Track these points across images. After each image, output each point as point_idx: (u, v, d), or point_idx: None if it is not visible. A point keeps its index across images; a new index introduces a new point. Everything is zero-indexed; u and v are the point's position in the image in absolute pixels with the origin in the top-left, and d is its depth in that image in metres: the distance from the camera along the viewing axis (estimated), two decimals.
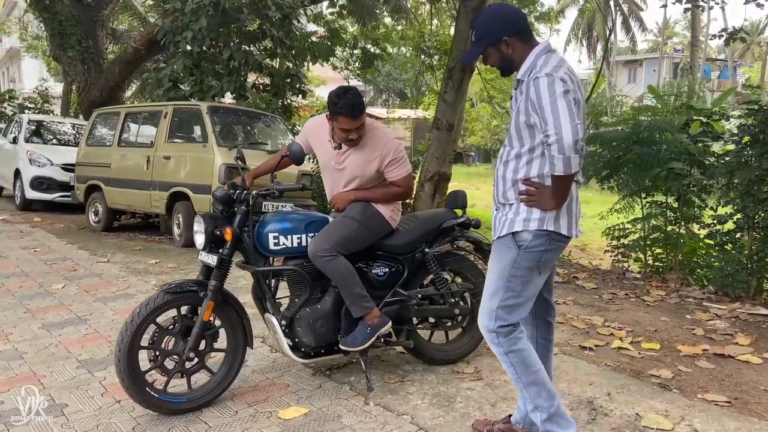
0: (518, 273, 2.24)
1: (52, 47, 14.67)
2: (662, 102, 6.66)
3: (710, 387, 3.22)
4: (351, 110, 2.78)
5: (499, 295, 2.26)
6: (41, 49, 25.42)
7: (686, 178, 5.49)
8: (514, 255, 2.24)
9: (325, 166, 3.12)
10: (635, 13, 38.58)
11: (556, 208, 2.17)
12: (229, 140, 6.97)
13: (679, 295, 5.16)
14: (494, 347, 2.32)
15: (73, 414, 2.74)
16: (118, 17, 21.61)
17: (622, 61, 43.37)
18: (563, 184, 2.11)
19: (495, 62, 2.30)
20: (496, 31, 2.22)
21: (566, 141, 2.00)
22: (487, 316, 2.30)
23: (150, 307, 2.63)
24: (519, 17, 2.26)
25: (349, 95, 2.80)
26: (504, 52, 2.24)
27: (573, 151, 2.00)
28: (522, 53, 2.23)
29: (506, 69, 2.31)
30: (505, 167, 2.29)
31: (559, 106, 2.03)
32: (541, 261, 2.24)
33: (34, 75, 32.28)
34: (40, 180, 9.50)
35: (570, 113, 2.02)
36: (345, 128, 2.84)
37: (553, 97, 2.04)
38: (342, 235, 2.89)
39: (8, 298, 4.63)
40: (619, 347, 3.81)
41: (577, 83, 2.16)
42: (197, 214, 2.88)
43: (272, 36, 10.41)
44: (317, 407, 2.84)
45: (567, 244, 2.32)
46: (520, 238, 2.22)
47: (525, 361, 2.28)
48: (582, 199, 2.51)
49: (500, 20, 2.23)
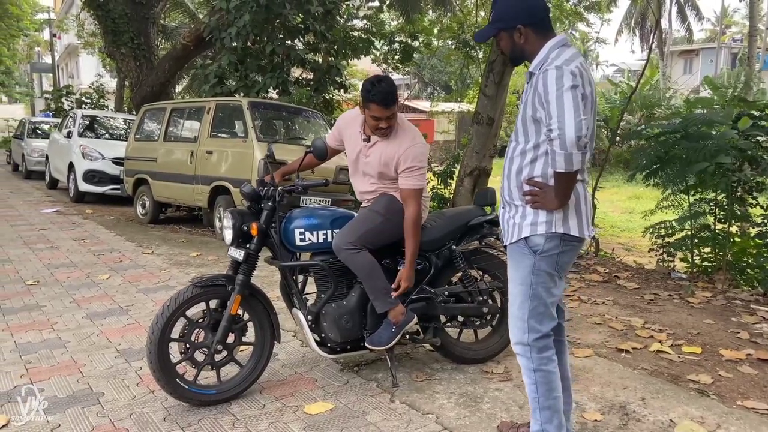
0: (540, 279, 2.18)
1: (106, 44, 15.17)
2: (719, 94, 6.39)
3: (751, 394, 3.09)
4: (383, 98, 2.81)
5: (527, 305, 2.20)
6: (97, 45, 26.31)
7: (735, 174, 5.27)
8: (531, 261, 2.17)
9: (352, 158, 3.12)
10: (691, 1, 37.16)
11: (560, 208, 2.10)
12: (269, 135, 7.07)
13: (726, 297, 4.96)
14: (524, 361, 2.25)
15: (108, 402, 2.83)
16: (170, 14, 22.16)
17: (678, 51, 41.92)
18: (565, 182, 2.03)
19: (506, 47, 2.23)
20: (513, 16, 2.15)
21: (568, 136, 1.92)
22: (519, 329, 2.23)
23: (179, 300, 2.70)
24: (539, 8, 2.17)
25: (383, 84, 2.83)
26: (516, 40, 2.17)
27: (575, 147, 1.93)
28: (535, 45, 2.15)
29: (516, 58, 2.23)
30: (510, 164, 2.22)
31: (564, 100, 1.95)
32: (558, 264, 2.18)
33: (91, 71, 33.44)
34: (92, 173, 9.85)
35: (575, 108, 1.94)
36: (376, 116, 2.86)
37: (560, 90, 1.96)
38: (366, 228, 2.90)
39: (56, 287, 4.82)
40: (657, 350, 3.70)
41: (588, 79, 2.08)
42: (226, 209, 2.94)
43: (314, 30, 10.49)
44: (343, 403, 2.86)
45: (581, 245, 2.26)
46: (533, 243, 2.16)
47: (550, 383, 2.22)
48: (632, 194, 2.44)
49: (519, 6, 2.16)
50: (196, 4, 21.48)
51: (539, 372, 2.21)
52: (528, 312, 2.20)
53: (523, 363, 2.25)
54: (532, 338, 2.20)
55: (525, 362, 2.24)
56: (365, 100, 2.86)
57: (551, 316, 2.24)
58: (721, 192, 5.48)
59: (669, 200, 5.86)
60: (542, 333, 2.21)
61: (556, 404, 2.23)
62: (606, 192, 17.37)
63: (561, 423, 2.25)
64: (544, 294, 2.19)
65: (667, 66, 35.81)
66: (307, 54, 10.97)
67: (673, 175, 5.47)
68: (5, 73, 36.79)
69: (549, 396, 2.22)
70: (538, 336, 2.20)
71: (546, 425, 2.23)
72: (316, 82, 11.04)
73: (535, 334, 2.20)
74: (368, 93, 2.82)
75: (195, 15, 20.76)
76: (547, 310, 2.21)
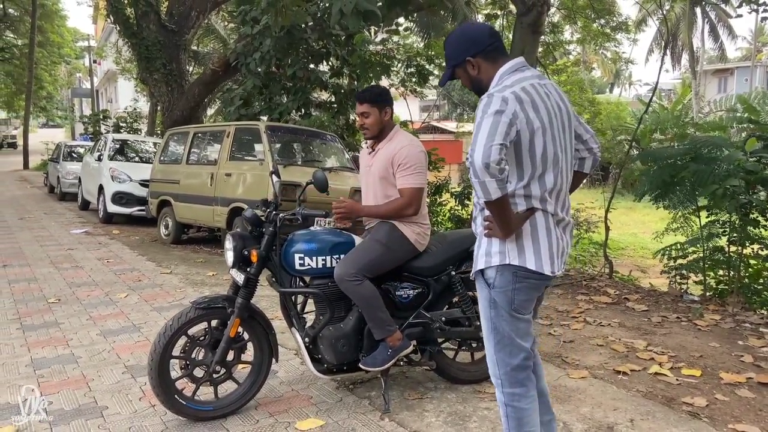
0: (500, 313, 2.09)
1: (139, 70, 15.73)
2: (755, 113, 6.30)
3: (745, 417, 3.08)
4: (360, 95, 3.17)
5: (492, 338, 2.14)
6: (133, 71, 27.25)
7: (745, 196, 5.23)
8: (487, 294, 2.11)
9: (363, 175, 3.30)
10: (723, 20, 36.70)
11: (506, 237, 2.02)
12: (286, 158, 7.26)
13: (736, 320, 4.91)
14: (497, 393, 2.19)
15: (110, 416, 2.97)
16: (203, 40, 22.85)
17: (711, 70, 41.32)
18: (495, 210, 1.94)
19: (466, 83, 2.22)
20: (460, 51, 2.16)
21: (476, 163, 1.84)
22: (491, 361, 2.17)
23: (182, 320, 2.83)
24: (483, 35, 2.15)
25: (370, 88, 3.17)
26: (470, 73, 2.16)
27: (486, 174, 1.83)
28: (488, 73, 2.13)
29: (477, 89, 2.19)
30: (475, 194, 2.14)
31: (482, 126, 1.90)
32: (515, 302, 2.07)
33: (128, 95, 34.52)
34: (120, 195, 10.20)
35: (489, 133, 1.87)
36: (358, 112, 3.18)
37: (483, 116, 1.92)
38: (368, 259, 2.97)
39: (76, 305, 5.02)
40: (656, 372, 3.69)
41: (537, 101, 2.01)
42: (227, 233, 3.06)
43: (336, 54, 10.74)
44: (334, 420, 2.94)
45: (545, 282, 2.12)
46: (487, 276, 2.10)
47: (520, 419, 2.14)
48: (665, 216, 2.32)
49: (463, 41, 2.16)
50: (227, 30, 22.13)
51: (509, 407, 2.14)
52: (494, 346, 2.14)
53: (497, 395, 2.20)
54: (502, 371, 2.14)
55: (498, 394, 2.19)
56: None
57: (521, 348, 2.12)
58: (734, 214, 5.44)
59: (679, 222, 5.83)
60: (512, 365, 2.12)
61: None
62: (637, 213, 17.20)
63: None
64: (506, 327, 2.10)
65: (700, 85, 35.32)
66: (329, 78, 11.23)
67: (683, 197, 5.45)
68: (47, 98, 38.25)
69: (519, 431, 2.15)
70: (508, 368, 2.13)
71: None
72: (338, 105, 11.28)
73: (506, 367, 2.13)
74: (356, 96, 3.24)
75: (226, 41, 21.38)
76: (514, 342, 2.11)
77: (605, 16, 15.82)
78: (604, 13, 15.52)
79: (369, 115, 3.11)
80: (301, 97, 10.52)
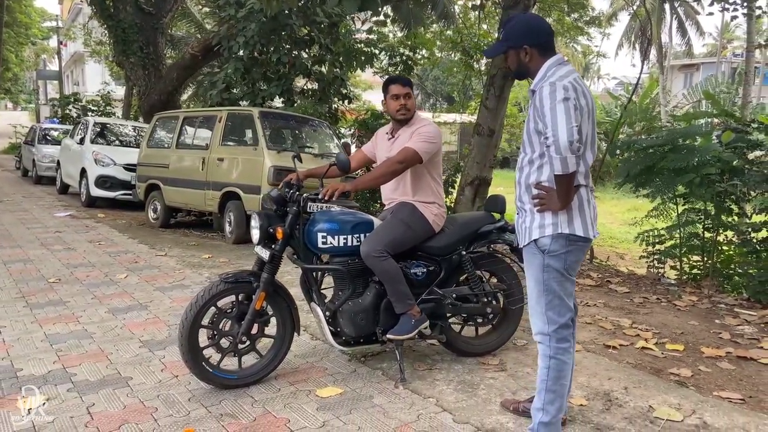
0: (551, 275, 2.40)
1: (115, 53, 15.53)
2: (718, 105, 6.65)
3: (727, 386, 3.36)
4: (398, 79, 3.38)
5: (543, 299, 2.43)
6: (104, 53, 26.74)
7: (721, 185, 5.56)
8: (540, 260, 2.41)
9: (381, 160, 3.47)
10: (692, 16, 37.59)
11: (563, 209, 2.33)
12: (278, 143, 7.37)
13: (712, 301, 5.24)
14: (542, 348, 2.47)
15: (136, 386, 3.10)
16: (176, 24, 22.54)
17: (678, 65, 42.31)
18: (565, 184, 2.27)
19: (513, 64, 2.52)
20: (520, 37, 2.44)
21: (562, 141, 2.18)
22: (540, 320, 2.46)
23: (212, 291, 2.98)
24: (543, 32, 2.46)
25: (397, 76, 3.40)
26: (521, 58, 2.46)
27: (569, 151, 2.18)
28: (537, 64, 2.44)
29: (520, 73, 2.54)
30: (520, 173, 2.50)
31: (557, 111, 2.22)
32: (566, 263, 2.40)
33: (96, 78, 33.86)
34: (104, 179, 10.15)
35: (567, 116, 2.20)
36: (396, 94, 3.33)
37: (553, 102, 2.24)
38: (392, 237, 3.17)
39: (77, 285, 5.09)
40: (643, 347, 3.97)
41: (583, 92, 2.34)
42: (254, 211, 3.20)
43: (320, 42, 10.82)
44: (351, 388, 3.13)
45: (588, 245, 2.49)
46: (542, 243, 2.39)
47: (561, 371, 2.46)
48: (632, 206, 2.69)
49: (526, 29, 2.46)
50: (202, 14, 21.89)
51: (554, 359, 2.44)
52: (545, 305, 2.43)
53: (542, 350, 2.48)
54: (552, 329, 2.43)
55: (543, 349, 2.47)
56: (386, 87, 3.39)
57: (568, 308, 2.45)
58: (709, 202, 5.77)
59: (659, 209, 6.15)
60: (560, 323, 2.43)
61: (561, 390, 2.48)
62: (606, 204, 17.67)
63: (562, 407, 2.50)
64: (557, 287, 2.41)
65: (667, 79, 36.20)
66: (312, 65, 11.31)
67: (662, 185, 5.76)
68: (12, 80, 37.25)
69: (557, 382, 2.46)
70: (556, 326, 2.43)
71: (548, 406, 2.47)
72: (320, 93, 11.37)
73: (554, 325, 2.43)
74: (387, 81, 3.40)
75: (202, 25, 21.15)
76: (563, 302, 2.43)
77: (578, 11, 16.20)
78: (578, 7, 15.90)
79: (411, 96, 3.34)
80: (285, 84, 10.60)
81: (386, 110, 3.45)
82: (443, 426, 2.74)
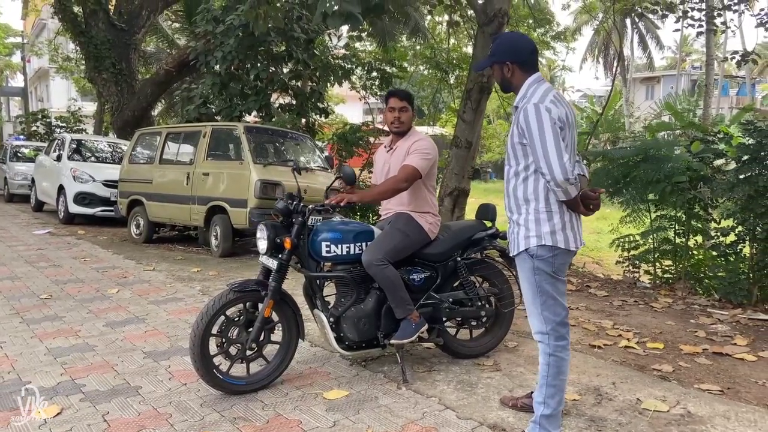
0: (542, 277, 2.55)
1: (87, 69, 15.40)
2: (680, 118, 7.02)
3: (706, 379, 3.60)
4: (397, 92, 3.58)
5: (537, 300, 2.58)
6: (71, 70, 26.43)
7: (690, 192, 5.87)
8: (531, 264, 2.56)
9: (379, 171, 3.65)
10: (652, 31, 38.87)
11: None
12: (262, 157, 7.49)
13: (686, 303, 5.52)
14: (542, 346, 2.62)
15: (147, 394, 3.19)
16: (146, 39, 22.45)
17: (640, 78, 43.63)
18: (572, 205, 2.51)
19: (497, 78, 2.69)
20: (504, 53, 2.61)
21: (558, 179, 2.37)
22: (537, 320, 2.61)
23: (222, 300, 3.10)
24: (526, 50, 2.61)
25: (402, 89, 3.57)
26: (504, 73, 2.63)
27: (567, 183, 2.38)
28: (519, 79, 2.61)
29: (504, 87, 2.70)
30: (508, 184, 2.67)
31: (547, 140, 2.38)
32: (554, 266, 2.55)
33: (61, 95, 33.40)
34: (83, 195, 10.10)
35: (557, 149, 2.36)
36: (392, 106, 3.51)
37: (541, 128, 2.39)
38: (392, 245, 3.34)
39: (70, 300, 5.12)
40: (625, 346, 4.19)
41: (565, 104, 2.52)
42: (261, 222, 3.33)
43: (297, 58, 10.97)
44: (356, 390, 3.27)
45: (574, 252, 2.64)
46: (530, 250, 2.55)
47: (560, 367, 2.62)
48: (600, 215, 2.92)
49: (510, 46, 2.63)
50: (173, 29, 21.86)
51: (553, 357, 2.60)
52: (540, 306, 2.58)
53: (542, 348, 2.63)
54: (549, 327, 2.58)
55: (543, 347, 2.62)
56: (386, 98, 3.59)
57: (562, 306, 2.61)
58: (680, 209, 6.08)
59: (632, 216, 6.45)
60: (557, 321, 2.58)
61: (561, 384, 2.65)
62: None
63: (562, 400, 2.67)
64: (549, 288, 2.56)
65: (630, 92, 37.28)
66: (290, 80, 11.44)
67: (636, 193, 6.05)
68: None
69: (557, 377, 2.62)
70: (553, 324, 2.58)
71: (549, 399, 2.63)
72: (298, 107, 11.51)
73: (551, 324, 2.58)
74: (388, 93, 3.59)
75: (173, 41, 21.13)
76: (557, 301, 2.59)
77: (544, 26, 16.69)
78: (544, 23, 16.39)
79: (407, 110, 3.51)
80: (262, 99, 10.71)
81: (384, 121, 3.64)
82: (448, 422, 2.90)
